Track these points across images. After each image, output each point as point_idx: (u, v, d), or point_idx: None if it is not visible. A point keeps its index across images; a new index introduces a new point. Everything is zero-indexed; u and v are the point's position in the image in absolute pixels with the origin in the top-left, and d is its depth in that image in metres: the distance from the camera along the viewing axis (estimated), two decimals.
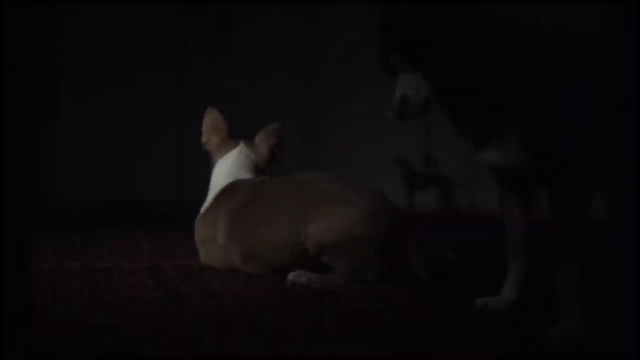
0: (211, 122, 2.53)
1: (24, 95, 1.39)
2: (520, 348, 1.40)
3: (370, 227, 2.04)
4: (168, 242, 3.08)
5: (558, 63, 1.47)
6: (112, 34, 6.84)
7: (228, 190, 2.37)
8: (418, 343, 1.42)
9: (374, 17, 1.66)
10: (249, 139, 2.53)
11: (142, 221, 4.46)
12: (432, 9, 1.46)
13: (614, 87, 1.47)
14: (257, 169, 2.46)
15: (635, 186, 1.41)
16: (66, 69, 6.66)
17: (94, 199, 6.16)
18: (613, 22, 1.61)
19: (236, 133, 2.78)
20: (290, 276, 2.06)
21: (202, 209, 2.44)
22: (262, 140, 2.50)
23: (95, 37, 6.80)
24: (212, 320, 1.57)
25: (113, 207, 5.66)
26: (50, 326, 1.53)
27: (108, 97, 6.92)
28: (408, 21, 1.47)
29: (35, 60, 5.13)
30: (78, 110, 6.91)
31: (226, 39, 7.03)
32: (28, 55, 1.43)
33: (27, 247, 1.36)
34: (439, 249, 3.06)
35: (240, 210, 2.25)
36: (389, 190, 7.14)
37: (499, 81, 1.47)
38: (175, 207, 5.86)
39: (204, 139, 2.53)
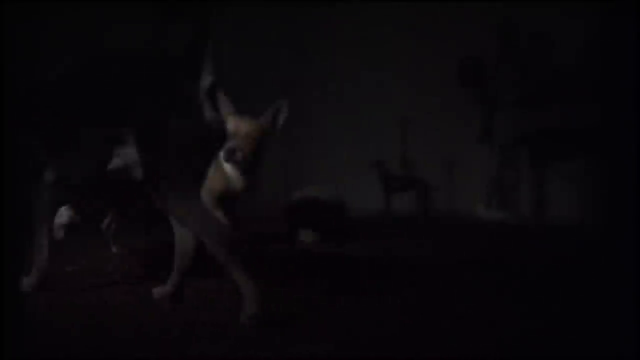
0: None
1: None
2: (515, 349, 1.39)
3: None
4: (141, 246, 3.04)
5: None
6: (91, 37, 6.77)
7: None
8: (385, 343, 1.41)
9: (356, 21, 1.66)
10: None
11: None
12: None
13: None
14: None
15: (634, 189, 1.42)
16: None
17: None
18: (606, 23, 1.62)
19: None
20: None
21: None
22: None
23: (71, 40, 6.73)
24: (180, 324, 1.55)
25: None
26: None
27: None
28: None
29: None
30: None
31: (203, 46, 6.99)
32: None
33: (22, 250, 1.35)
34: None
35: None
36: (366, 192, 7.09)
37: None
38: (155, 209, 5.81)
39: None
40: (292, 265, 2.59)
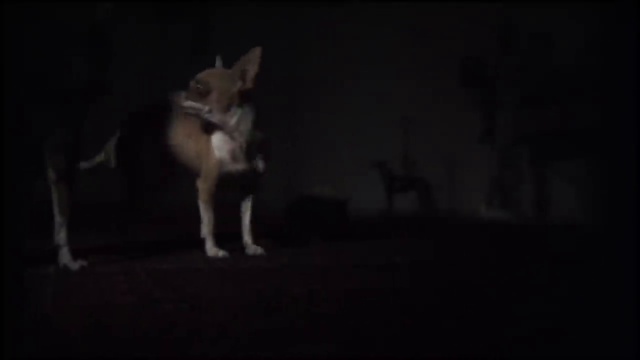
0: None
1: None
2: (508, 349, 1.39)
3: None
4: (143, 245, 3.04)
5: None
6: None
7: None
8: (385, 343, 1.41)
9: (357, 21, 1.66)
10: None
11: (118, 223, 4.40)
12: None
13: None
14: None
15: (634, 189, 1.42)
16: None
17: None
18: (607, 23, 1.62)
19: None
20: None
21: None
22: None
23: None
24: (180, 324, 1.55)
25: (88, 209, 5.59)
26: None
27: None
28: None
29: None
30: None
31: (204, 44, 6.99)
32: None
33: (21, 251, 1.35)
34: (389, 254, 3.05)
35: None
36: (367, 192, 7.07)
37: None
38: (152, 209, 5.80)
39: None
40: (293, 265, 2.59)
